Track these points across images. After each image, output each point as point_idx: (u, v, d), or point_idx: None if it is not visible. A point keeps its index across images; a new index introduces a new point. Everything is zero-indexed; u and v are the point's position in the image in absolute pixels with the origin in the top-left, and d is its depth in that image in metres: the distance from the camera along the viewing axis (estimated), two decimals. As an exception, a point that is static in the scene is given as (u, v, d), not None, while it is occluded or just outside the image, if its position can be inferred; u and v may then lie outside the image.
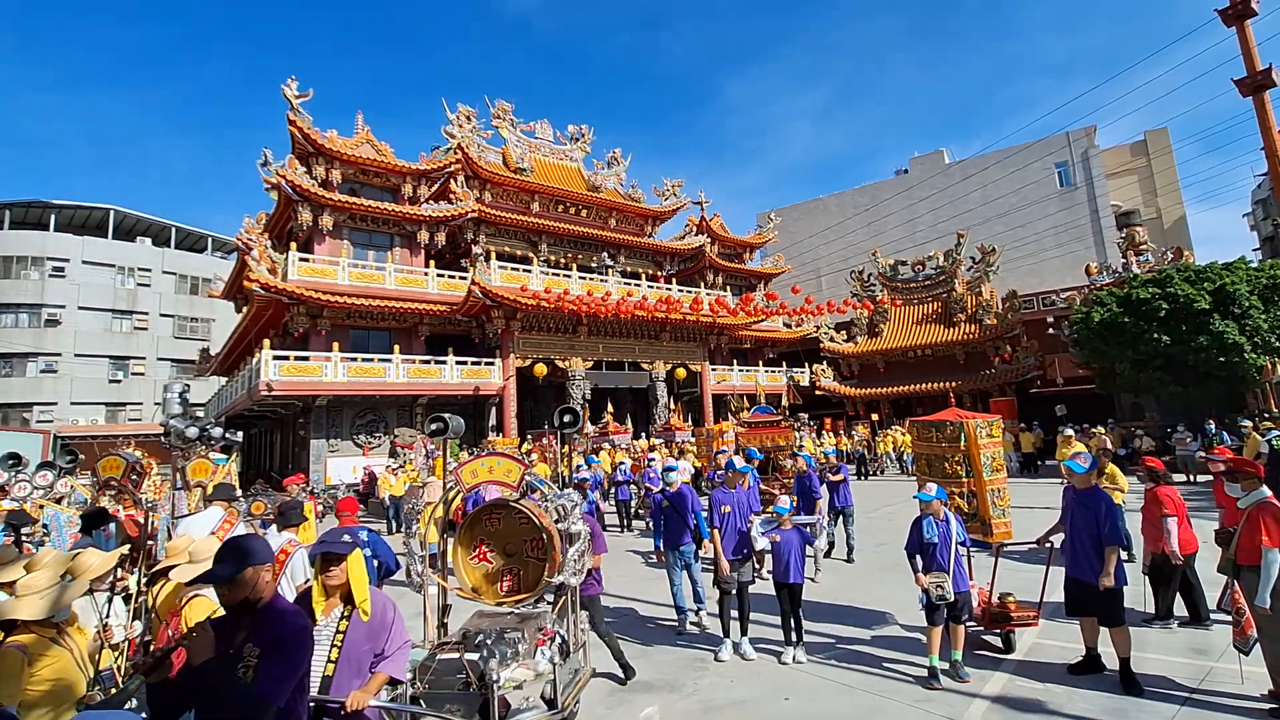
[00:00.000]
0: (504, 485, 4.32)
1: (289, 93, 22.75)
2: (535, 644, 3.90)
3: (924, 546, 5.29)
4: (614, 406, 23.68)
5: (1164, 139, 40.44)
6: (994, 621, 5.70)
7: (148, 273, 41.58)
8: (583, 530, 4.13)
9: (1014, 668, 5.33)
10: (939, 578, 5.12)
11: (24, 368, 36.90)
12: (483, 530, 4.37)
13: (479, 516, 4.43)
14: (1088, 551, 5.01)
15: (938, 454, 6.23)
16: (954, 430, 6.05)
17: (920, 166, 43.63)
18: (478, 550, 4.30)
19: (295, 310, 21.37)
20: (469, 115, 28.28)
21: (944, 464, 6.15)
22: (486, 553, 4.28)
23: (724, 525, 6.10)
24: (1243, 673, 4.76)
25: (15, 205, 39.48)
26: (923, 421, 6.52)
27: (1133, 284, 20.56)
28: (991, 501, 5.87)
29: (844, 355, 33.13)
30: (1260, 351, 18.09)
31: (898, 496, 15.90)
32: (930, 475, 6.26)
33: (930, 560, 5.25)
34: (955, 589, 5.13)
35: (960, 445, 6.00)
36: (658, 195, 35.15)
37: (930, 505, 5.36)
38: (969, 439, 5.94)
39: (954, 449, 6.04)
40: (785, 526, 5.94)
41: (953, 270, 31.93)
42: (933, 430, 6.31)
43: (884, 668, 5.48)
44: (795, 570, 5.77)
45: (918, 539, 5.35)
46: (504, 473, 4.32)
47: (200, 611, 3.67)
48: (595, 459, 16.17)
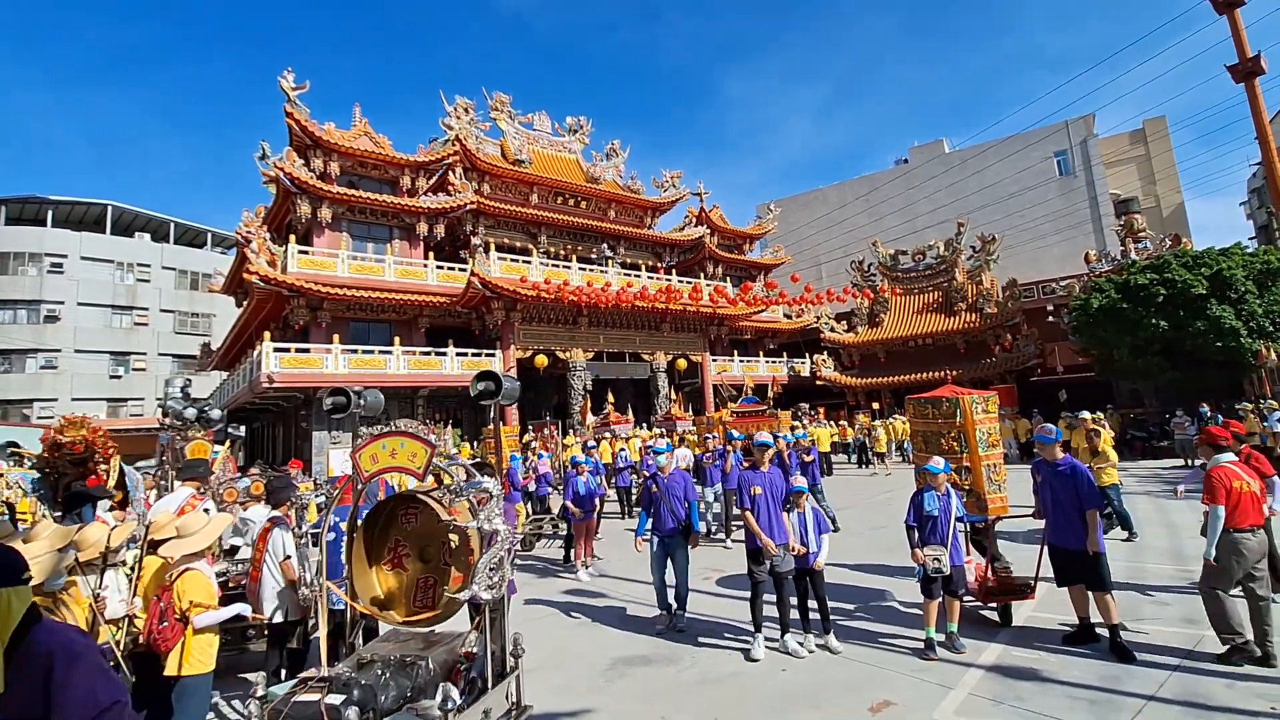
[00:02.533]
0: (406, 472, 3.38)
1: (285, 85, 22.72)
2: (445, 677, 3.20)
3: (923, 520, 5.30)
4: (615, 397, 23.74)
5: (1162, 127, 40.41)
6: (990, 595, 5.76)
7: (147, 268, 41.58)
8: (501, 530, 3.23)
9: (1009, 638, 5.41)
10: (936, 551, 5.13)
11: (24, 364, 36.94)
12: (399, 529, 3.56)
13: (393, 511, 3.66)
14: (1070, 519, 5.16)
15: (934, 430, 6.16)
16: (949, 406, 6.01)
17: (920, 156, 43.56)
18: (391, 554, 3.54)
19: (295, 303, 21.41)
20: (467, 107, 28.23)
21: (940, 440, 6.05)
22: (403, 556, 3.48)
23: (757, 508, 5.52)
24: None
25: (12, 201, 39.42)
26: (919, 399, 6.42)
27: (1131, 270, 20.60)
28: (987, 476, 5.89)
29: (844, 345, 33.18)
30: (1255, 336, 18.16)
31: (896, 484, 16.00)
32: (928, 452, 6.20)
33: (929, 534, 5.26)
34: (951, 563, 5.17)
35: (956, 421, 5.94)
36: (657, 187, 35.12)
37: (937, 478, 5.34)
38: (964, 414, 5.91)
39: (950, 425, 5.98)
40: (801, 508, 5.63)
41: (953, 259, 31.93)
42: (929, 407, 6.23)
43: (880, 641, 5.57)
44: (814, 553, 5.50)
45: (918, 511, 5.35)
46: (408, 456, 3.33)
47: (193, 584, 3.69)
48: (594, 446, 16.34)
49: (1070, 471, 5.25)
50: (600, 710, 4.61)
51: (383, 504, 3.75)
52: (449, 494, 3.53)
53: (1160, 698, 4.19)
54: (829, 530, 5.77)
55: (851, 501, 13.68)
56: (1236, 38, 10.39)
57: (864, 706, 4.37)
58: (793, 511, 5.58)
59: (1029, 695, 4.36)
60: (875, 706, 4.36)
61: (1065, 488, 5.20)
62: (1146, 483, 13.88)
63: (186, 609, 3.61)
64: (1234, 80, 10.79)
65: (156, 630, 3.59)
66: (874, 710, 4.31)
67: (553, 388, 26.92)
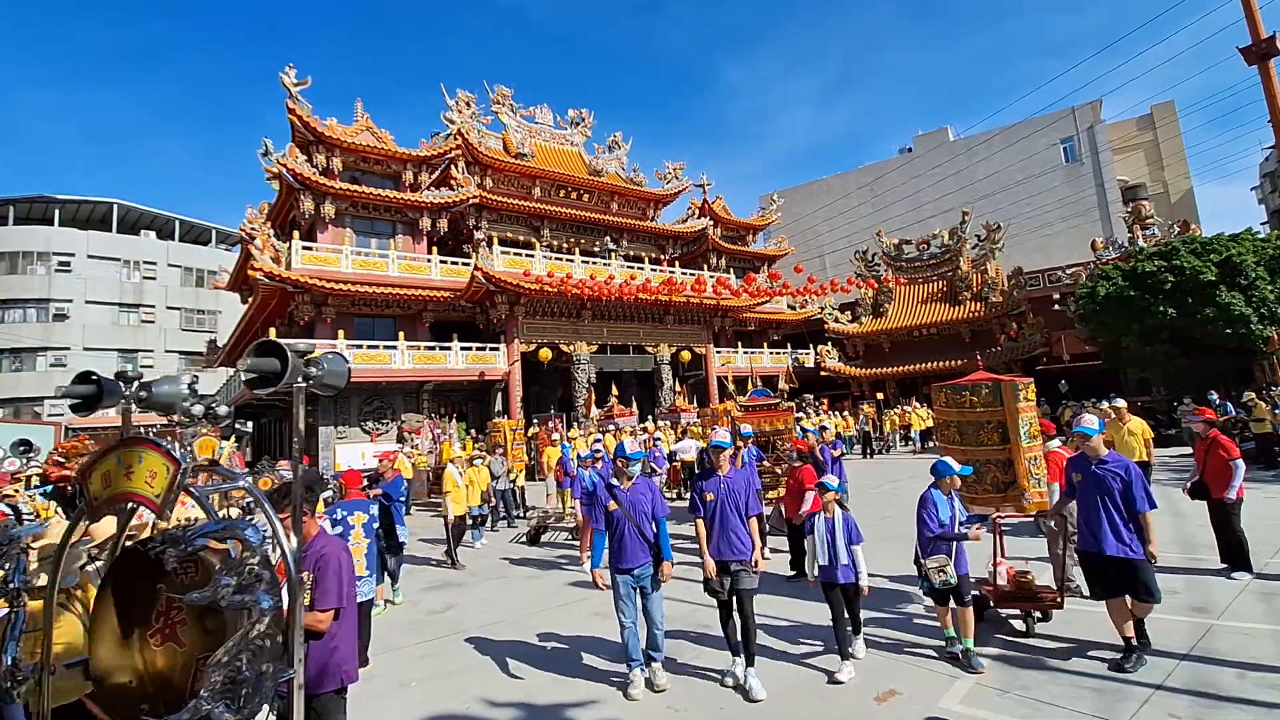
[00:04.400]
0: (140, 501, 2.13)
1: (287, 80, 22.68)
2: None
3: (942, 525, 4.84)
4: (619, 390, 23.72)
5: (1170, 112, 39.95)
6: (1015, 601, 5.29)
7: (153, 266, 41.78)
8: (265, 605, 1.93)
9: (1018, 630, 5.38)
10: (940, 560, 4.69)
11: (34, 362, 37.23)
12: (174, 583, 2.12)
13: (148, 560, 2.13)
14: (1116, 524, 4.67)
15: (970, 421, 5.61)
16: (989, 393, 5.52)
17: (925, 144, 43.23)
18: (160, 622, 2.15)
19: (300, 299, 21.45)
20: (468, 101, 28.10)
21: (978, 432, 5.57)
22: (176, 625, 2.11)
23: (710, 514, 4.83)
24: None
25: (19, 201, 39.62)
26: (953, 385, 5.88)
27: (1139, 258, 20.40)
28: (1029, 470, 5.50)
29: (849, 336, 33.05)
30: (1266, 322, 17.97)
31: (902, 473, 15.96)
32: (962, 445, 5.64)
33: (933, 541, 4.86)
34: (957, 571, 4.76)
35: (996, 409, 5.49)
36: (659, 179, 34.96)
37: (949, 480, 4.94)
38: (1005, 401, 5.46)
39: (992, 413, 5.52)
40: (830, 513, 4.95)
41: (958, 248, 31.72)
42: (965, 394, 5.67)
43: (887, 630, 5.53)
44: (845, 566, 4.81)
45: (936, 517, 4.85)
46: (145, 477, 2.11)
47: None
48: (600, 439, 16.14)
49: (1123, 470, 4.74)
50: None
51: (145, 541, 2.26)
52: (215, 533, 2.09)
53: (1168, 687, 4.16)
54: (860, 540, 4.94)
55: (856, 489, 13.63)
56: (1250, 19, 10.19)
57: (870, 696, 4.36)
58: (817, 519, 4.98)
59: (1035, 684, 4.34)
60: (881, 696, 4.35)
61: (1112, 488, 4.70)
62: (1155, 471, 13.77)
63: None
64: (1247, 63, 10.60)
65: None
66: (880, 700, 4.30)
67: (557, 381, 26.94)
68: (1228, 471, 6.52)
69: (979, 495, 5.92)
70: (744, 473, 5.00)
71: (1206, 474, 6.73)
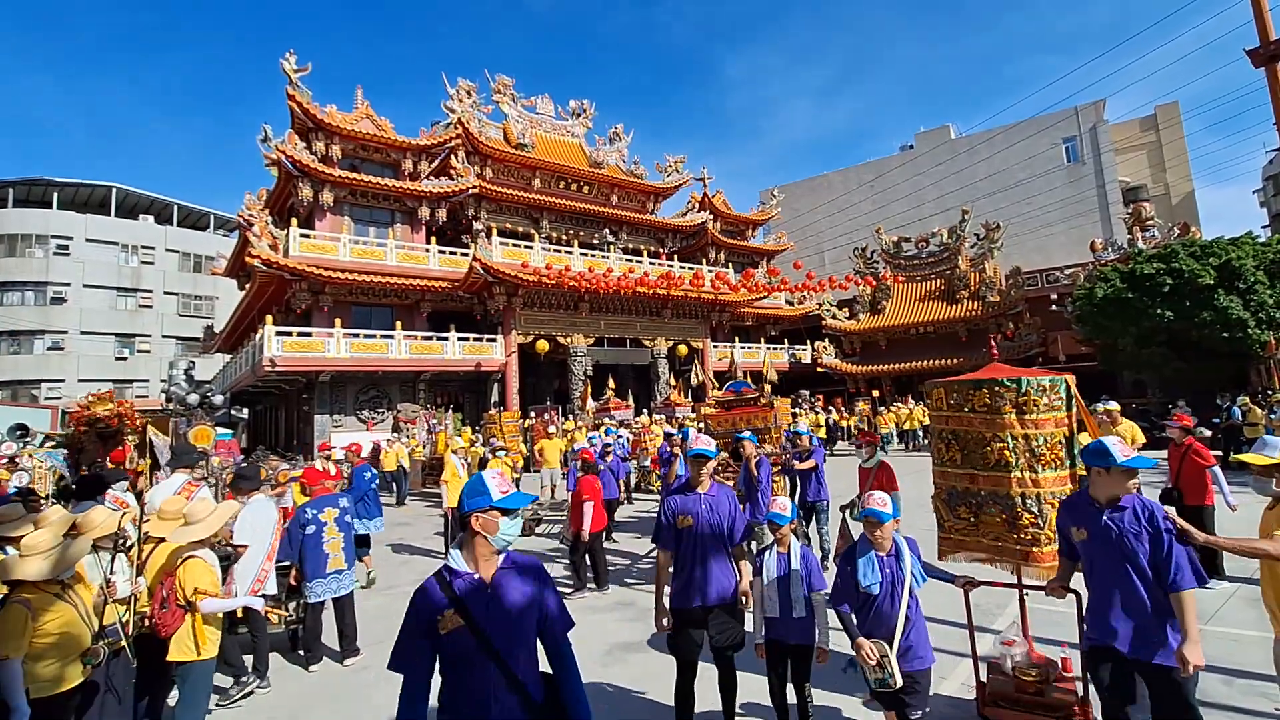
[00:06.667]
0: None
1: (287, 67, 22.52)
2: None
3: (857, 597, 3.23)
4: (615, 383, 23.73)
5: (1174, 113, 39.83)
6: (1014, 710, 3.63)
7: (151, 250, 41.63)
8: None
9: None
10: (877, 648, 3.08)
11: (31, 345, 37.16)
12: None
13: None
14: (1139, 604, 2.85)
15: (974, 432, 3.94)
16: (1013, 392, 3.80)
17: (926, 142, 43.06)
18: None
19: (297, 286, 21.41)
20: (469, 90, 27.96)
21: (984, 449, 3.87)
22: None
23: (686, 545, 3.54)
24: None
25: (18, 183, 39.44)
26: (953, 382, 3.88)
27: (1137, 259, 20.39)
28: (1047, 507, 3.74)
29: (846, 332, 33.07)
30: (1264, 327, 17.98)
31: (900, 471, 15.94)
32: (963, 466, 4.01)
33: (868, 617, 3.21)
34: (906, 666, 3.09)
35: (1011, 419, 3.77)
36: (660, 171, 34.85)
37: (879, 529, 3.21)
38: (1028, 408, 3.75)
39: (1000, 423, 3.80)
40: (784, 547, 3.64)
41: (956, 247, 31.72)
42: (971, 391, 3.96)
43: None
44: (801, 623, 3.47)
45: (849, 583, 3.26)
46: None
47: (196, 573, 3.76)
48: (614, 429, 15.78)
49: (1147, 518, 2.87)
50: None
51: None
52: None
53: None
54: (823, 586, 3.55)
55: (849, 487, 13.64)
56: (1260, 20, 10.10)
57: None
58: (768, 555, 3.64)
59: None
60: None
61: (1134, 551, 2.85)
62: (1148, 475, 13.83)
63: (191, 595, 3.70)
64: (1254, 65, 10.53)
65: (158, 615, 3.71)
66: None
67: (554, 373, 26.95)
68: (1201, 478, 6.53)
69: (976, 540, 4.05)
70: (727, 490, 3.71)
71: (1180, 480, 6.72)
